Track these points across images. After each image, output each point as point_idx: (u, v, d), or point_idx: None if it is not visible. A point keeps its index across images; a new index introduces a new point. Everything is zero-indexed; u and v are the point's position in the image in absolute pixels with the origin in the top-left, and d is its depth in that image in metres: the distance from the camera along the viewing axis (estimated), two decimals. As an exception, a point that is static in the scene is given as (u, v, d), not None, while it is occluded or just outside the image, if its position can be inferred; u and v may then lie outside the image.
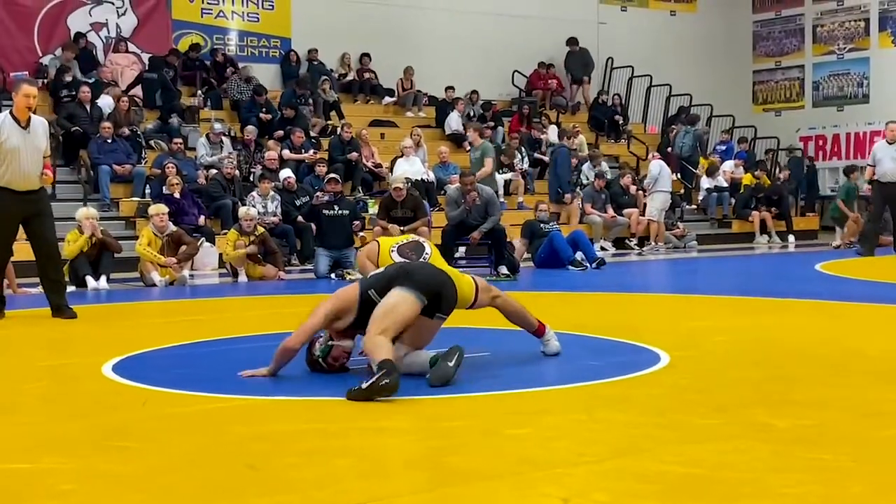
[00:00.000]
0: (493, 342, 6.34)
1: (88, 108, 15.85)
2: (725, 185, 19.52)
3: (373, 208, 15.19)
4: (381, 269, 5.43)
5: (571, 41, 21.81)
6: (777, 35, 24.74)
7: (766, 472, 3.43)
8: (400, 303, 5.09)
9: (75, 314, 8.27)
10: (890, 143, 14.13)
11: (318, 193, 14.17)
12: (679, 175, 20.03)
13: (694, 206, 19.69)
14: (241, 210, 12.69)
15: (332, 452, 3.80)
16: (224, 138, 16.18)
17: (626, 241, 17.27)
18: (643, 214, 17.49)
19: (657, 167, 17.19)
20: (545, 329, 5.89)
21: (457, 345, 5.10)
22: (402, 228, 12.40)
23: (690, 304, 9.11)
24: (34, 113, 8.24)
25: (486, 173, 14.81)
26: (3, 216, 8.19)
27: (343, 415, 4.48)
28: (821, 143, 23.24)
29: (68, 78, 16.47)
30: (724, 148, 21.12)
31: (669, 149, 20.49)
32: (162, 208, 12.06)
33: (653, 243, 16.69)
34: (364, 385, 4.65)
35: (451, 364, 4.97)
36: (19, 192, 8.12)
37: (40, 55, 17.58)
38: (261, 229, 12.54)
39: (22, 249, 12.22)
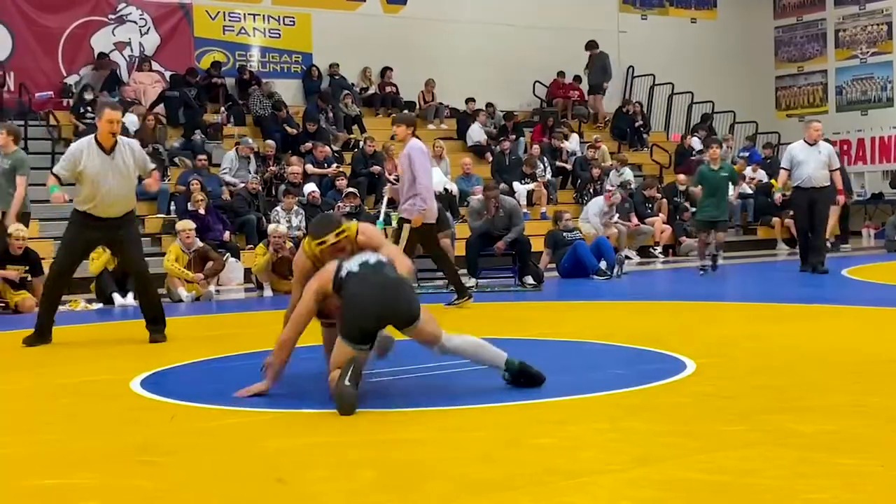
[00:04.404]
0: (518, 352, 6.34)
1: (114, 126, 15.96)
2: (750, 191, 19.44)
3: (396, 221, 15.20)
4: (359, 270, 5.10)
5: (591, 44, 21.56)
6: (799, 40, 24.65)
7: (792, 478, 3.43)
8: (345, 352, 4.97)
9: (163, 338, 7.92)
10: (811, 145, 12.54)
11: (339, 204, 14.24)
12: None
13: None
14: (270, 227, 12.79)
15: (358, 465, 3.82)
16: (251, 154, 16.27)
17: (651, 250, 17.24)
18: (667, 223, 17.48)
19: None
20: None
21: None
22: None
23: (715, 312, 9.08)
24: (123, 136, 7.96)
25: (18, 198, 10.77)
26: (72, 240, 7.97)
27: (368, 427, 4.51)
28: (845, 147, 23.08)
29: (89, 96, 16.62)
30: (747, 154, 21.04)
31: (693, 157, 20.45)
32: (189, 224, 12.15)
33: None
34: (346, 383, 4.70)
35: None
36: (101, 217, 7.82)
37: (65, 76, 17.75)
38: (289, 244, 12.63)
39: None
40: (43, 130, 16.52)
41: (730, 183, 13.60)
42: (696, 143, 20.99)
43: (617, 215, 16.62)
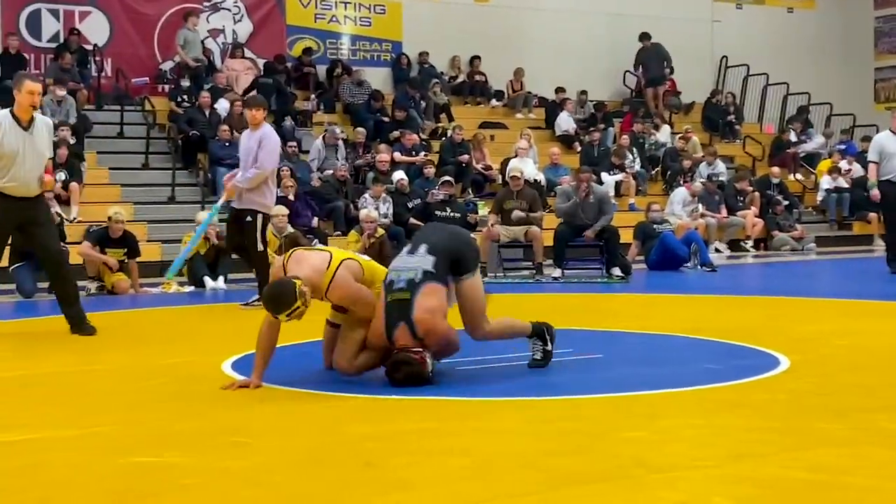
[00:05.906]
0: (607, 344, 6.30)
1: (207, 113, 16.23)
2: (846, 185, 19.00)
3: (483, 210, 15.20)
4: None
5: (644, 36, 20.76)
6: (900, 31, 23.99)
7: (890, 478, 3.34)
8: (480, 286, 5.31)
9: (94, 330, 7.43)
10: None
11: (432, 191, 14.27)
12: (797, 175, 19.70)
13: (811, 208, 19.24)
14: (363, 212, 12.89)
15: (447, 452, 3.82)
16: (340, 142, 16.39)
17: (742, 243, 16.97)
18: (759, 216, 17.18)
19: None
20: None
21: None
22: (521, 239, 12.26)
23: (809, 307, 8.89)
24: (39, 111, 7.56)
25: None
26: None
27: (457, 415, 4.51)
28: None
29: (186, 83, 16.90)
30: (844, 147, 20.56)
31: (789, 150, 20.07)
32: (283, 210, 12.31)
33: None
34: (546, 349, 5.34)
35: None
36: (14, 197, 7.37)
37: (160, 62, 18.10)
38: (381, 231, 12.71)
39: (146, 250, 12.64)
40: (139, 116, 16.87)
41: None
42: (793, 136, 20.58)
43: (702, 206, 16.39)
